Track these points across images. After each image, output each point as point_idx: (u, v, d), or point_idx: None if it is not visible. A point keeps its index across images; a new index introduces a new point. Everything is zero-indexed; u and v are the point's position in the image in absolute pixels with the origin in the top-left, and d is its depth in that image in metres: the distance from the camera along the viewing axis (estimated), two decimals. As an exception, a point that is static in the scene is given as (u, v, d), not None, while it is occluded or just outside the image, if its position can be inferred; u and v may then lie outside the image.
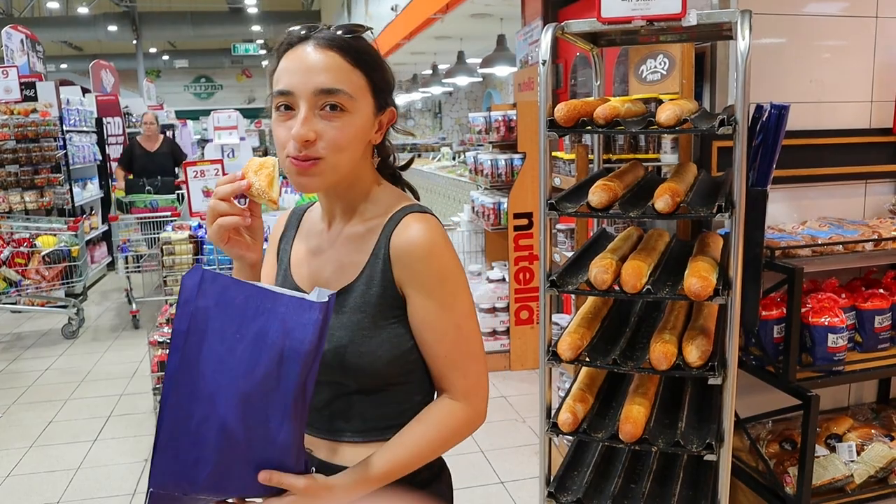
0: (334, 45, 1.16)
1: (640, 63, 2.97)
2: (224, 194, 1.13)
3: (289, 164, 1.14)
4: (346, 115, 1.14)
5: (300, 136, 1.11)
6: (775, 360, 2.34)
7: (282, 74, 1.15)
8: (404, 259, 1.20)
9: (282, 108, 1.14)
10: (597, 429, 1.98)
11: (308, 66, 1.13)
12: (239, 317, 1.00)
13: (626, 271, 1.83)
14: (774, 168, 1.87)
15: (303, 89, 1.13)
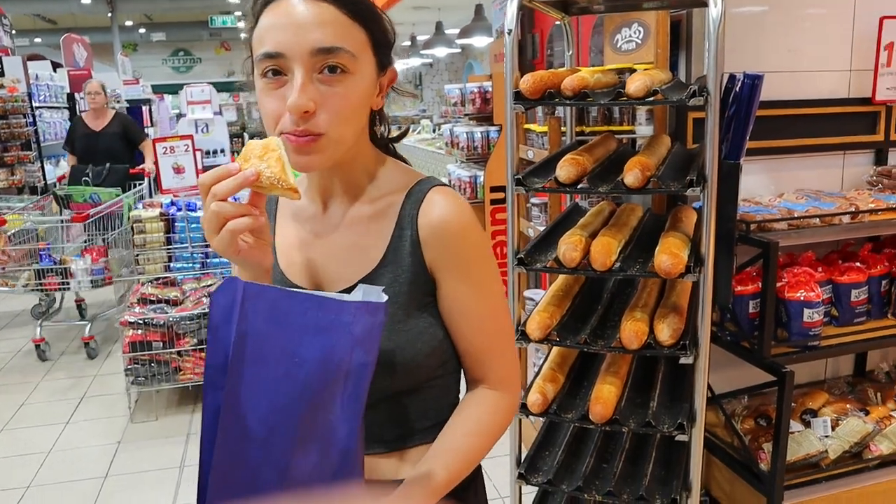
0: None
1: (614, 32, 2.89)
2: (225, 192, 0.90)
3: (285, 141, 0.96)
4: (348, 78, 0.98)
5: (299, 107, 0.94)
6: (750, 335, 2.30)
7: (266, 33, 0.96)
8: (438, 238, 1.06)
9: (269, 73, 0.96)
10: (567, 409, 1.94)
11: (300, 22, 0.95)
12: (297, 337, 0.84)
13: (595, 248, 1.78)
14: (748, 140, 1.81)
15: (296, 50, 0.95)
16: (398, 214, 1.08)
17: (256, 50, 0.98)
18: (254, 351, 0.82)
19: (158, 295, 3.99)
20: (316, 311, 0.85)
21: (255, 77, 1.00)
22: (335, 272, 1.06)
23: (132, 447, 3.54)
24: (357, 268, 1.07)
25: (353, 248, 1.07)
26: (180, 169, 4.28)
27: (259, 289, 0.84)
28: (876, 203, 2.41)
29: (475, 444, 1.06)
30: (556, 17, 2.33)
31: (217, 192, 0.90)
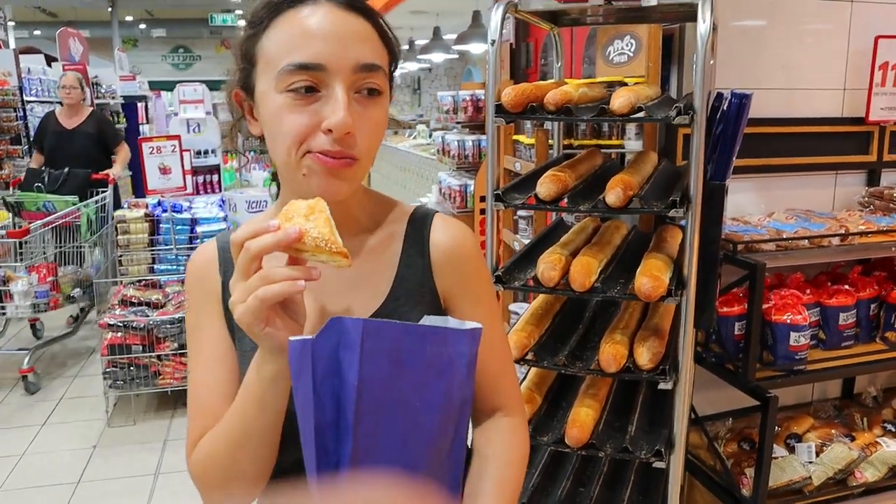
0: (358, 7, 0.91)
1: (607, 44, 2.85)
2: (261, 249, 0.77)
3: (313, 162, 0.87)
4: (381, 100, 0.91)
5: (344, 126, 0.85)
6: (735, 358, 2.25)
7: (298, 42, 0.86)
8: (454, 266, 1.03)
9: (301, 89, 0.86)
10: (543, 431, 1.88)
11: (341, 34, 0.87)
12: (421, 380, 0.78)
13: (574, 268, 1.73)
14: (735, 160, 1.76)
15: (340, 64, 0.86)
16: (402, 244, 1.03)
17: (277, 59, 0.87)
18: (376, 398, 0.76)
19: (140, 297, 3.93)
20: (433, 345, 0.79)
21: (264, 93, 0.90)
22: (344, 310, 0.97)
23: (108, 452, 3.48)
24: (366, 302, 0.99)
25: (359, 283, 1.00)
26: (167, 170, 4.22)
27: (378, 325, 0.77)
28: (867, 225, 2.36)
29: (518, 474, 1.03)
30: (546, 28, 2.28)
31: (251, 248, 0.77)
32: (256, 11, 0.92)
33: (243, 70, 0.93)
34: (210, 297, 1.00)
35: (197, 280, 1.02)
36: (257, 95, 0.92)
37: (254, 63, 0.91)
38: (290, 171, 0.91)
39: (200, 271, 1.02)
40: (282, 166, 0.92)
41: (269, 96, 0.88)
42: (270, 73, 0.88)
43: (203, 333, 1.00)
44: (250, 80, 0.92)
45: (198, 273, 1.02)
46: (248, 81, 0.93)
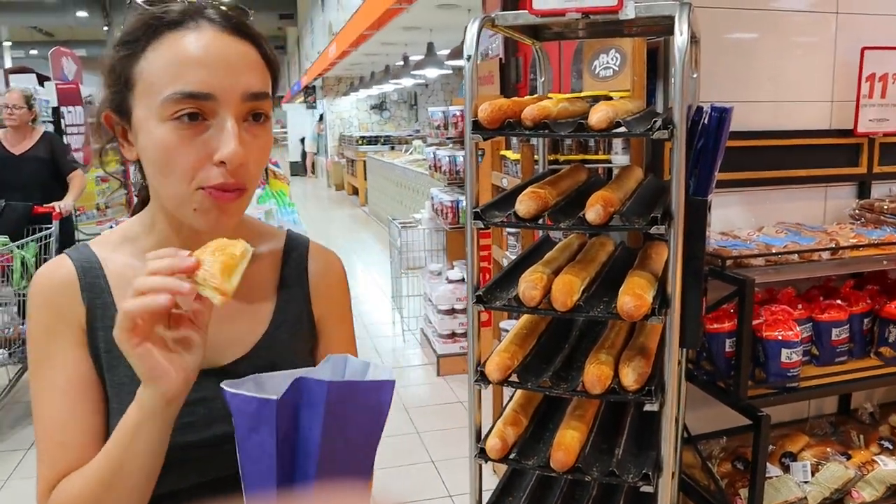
0: (244, 31, 0.88)
1: (592, 58, 2.82)
2: (156, 268, 0.75)
3: (202, 199, 0.84)
4: (268, 126, 0.90)
5: (237, 157, 0.82)
6: (727, 375, 2.20)
7: (183, 69, 0.82)
8: (329, 291, 1.06)
9: (184, 117, 0.82)
10: (529, 454, 1.83)
11: (228, 60, 0.84)
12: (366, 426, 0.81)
13: (556, 287, 1.68)
14: (718, 174, 1.72)
15: (229, 94, 0.83)
16: (280, 272, 1.04)
17: (161, 86, 0.83)
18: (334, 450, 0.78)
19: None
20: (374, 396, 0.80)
21: (144, 119, 0.85)
22: (225, 339, 0.94)
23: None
24: (249, 332, 0.99)
25: (240, 312, 0.98)
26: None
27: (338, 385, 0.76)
28: (858, 238, 2.33)
29: None
30: (527, 43, 2.25)
31: (148, 265, 0.76)
32: (132, 31, 0.87)
33: (118, 92, 0.88)
34: (68, 323, 0.92)
35: (48, 304, 0.93)
36: (135, 121, 0.88)
37: (130, 86, 0.87)
38: (177, 204, 0.87)
39: (54, 294, 0.93)
40: (169, 198, 0.88)
41: (151, 124, 0.85)
42: (152, 99, 0.84)
43: (55, 363, 0.91)
44: (126, 104, 0.88)
45: (51, 297, 0.93)
46: (122, 104, 0.89)
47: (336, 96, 18.11)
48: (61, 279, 0.93)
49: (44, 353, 0.92)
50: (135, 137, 0.89)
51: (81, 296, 0.93)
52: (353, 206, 13.81)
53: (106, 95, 0.90)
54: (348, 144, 15.25)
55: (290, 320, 1.02)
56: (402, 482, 3.32)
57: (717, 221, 2.56)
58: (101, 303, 0.93)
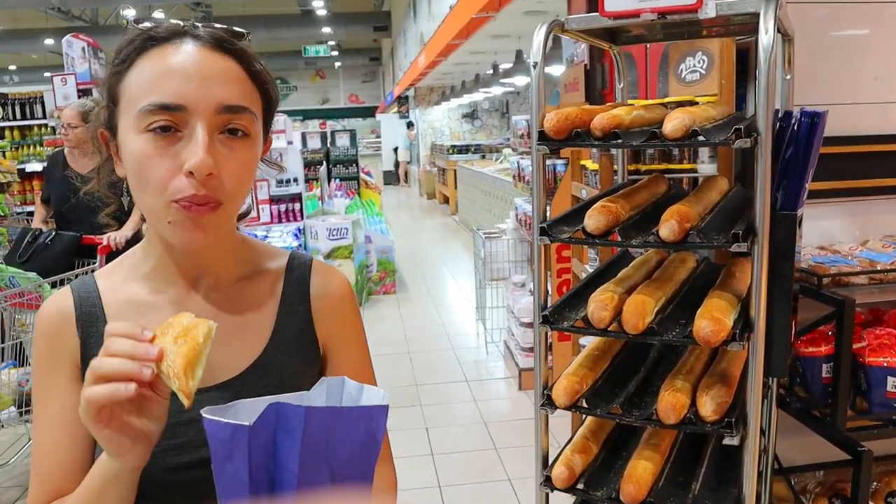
0: (226, 48, 0.89)
1: (679, 61, 2.68)
2: (118, 351, 0.74)
3: (176, 212, 0.84)
4: (248, 142, 0.88)
5: (205, 167, 0.81)
6: (823, 404, 2.01)
7: (158, 81, 0.84)
8: (334, 312, 1.04)
9: (157, 129, 0.83)
10: (597, 485, 1.72)
11: (205, 73, 0.85)
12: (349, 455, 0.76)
13: (627, 308, 1.57)
14: (808, 186, 1.57)
15: (201, 104, 0.83)
16: (281, 291, 1.01)
17: (138, 99, 0.84)
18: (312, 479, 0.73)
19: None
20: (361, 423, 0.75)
21: (125, 133, 0.86)
22: (218, 360, 0.92)
23: None
24: (245, 353, 0.97)
25: (237, 333, 0.97)
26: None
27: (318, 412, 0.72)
28: (978, 255, 2.09)
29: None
30: (604, 47, 2.14)
31: (112, 349, 0.75)
32: (122, 49, 0.88)
33: (107, 109, 0.90)
34: (62, 354, 0.93)
35: (47, 335, 0.95)
36: (119, 135, 0.89)
37: (116, 102, 0.88)
38: (155, 218, 0.87)
39: (52, 326, 0.95)
40: (147, 212, 0.89)
41: (129, 137, 0.86)
42: (131, 112, 0.85)
43: (51, 393, 0.93)
44: (113, 120, 0.89)
45: (49, 328, 0.95)
46: (111, 121, 0.90)
47: (428, 106, 18.28)
48: (58, 311, 0.95)
49: (42, 383, 0.94)
50: (121, 153, 0.90)
51: (76, 327, 0.94)
52: (443, 215, 13.85)
53: (100, 113, 0.93)
54: (439, 153, 15.33)
55: (288, 340, 1.00)
56: (475, 500, 3.24)
57: (816, 235, 2.37)
58: (95, 331, 0.94)
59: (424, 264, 9.02)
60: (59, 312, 0.95)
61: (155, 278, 0.97)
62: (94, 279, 0.98)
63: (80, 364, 0.94)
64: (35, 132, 7.62)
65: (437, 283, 7.98)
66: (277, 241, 4.74)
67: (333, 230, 6.37)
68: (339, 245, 6.36)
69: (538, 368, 1.77)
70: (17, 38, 18.37)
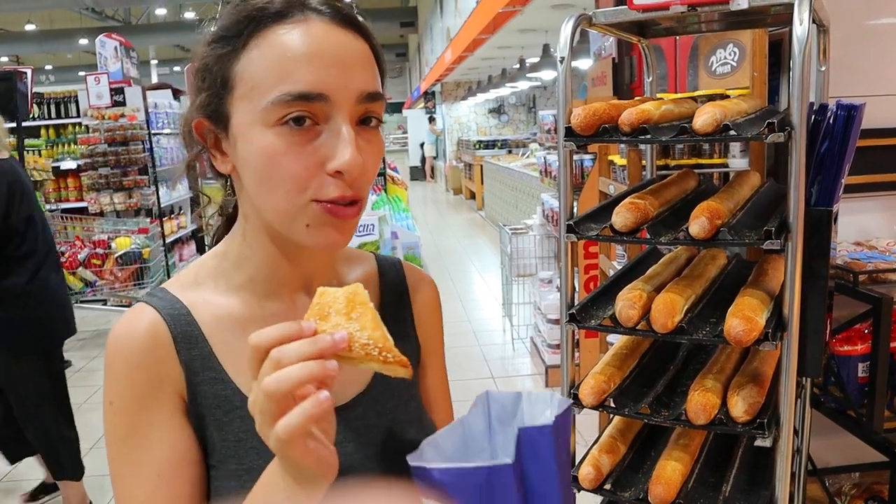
0: (356, 24, 0.78)
1: (709, 54, 2.63)
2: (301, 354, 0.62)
3: (322, 213, 0.74)
4: (380, 132, 0.81)
5: (356, 166, 0.73)
6: (859, 404, 1.96)
7: (288, 65, 0.72)
8: (433, 314, 1.01)
9: (293, 122, 0.73)
10: (625, 486, 1.70)
11: (343, 56, 0.75)
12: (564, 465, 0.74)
13: (656, 306, 1.54)
14: (844, 181, 1.52)
15: (344, 94, 0.74)
16: (379, 295, 0.95)
17: (267, 87, 0.73)
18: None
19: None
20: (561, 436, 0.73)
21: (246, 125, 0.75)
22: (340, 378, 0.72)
23: None
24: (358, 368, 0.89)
25: None
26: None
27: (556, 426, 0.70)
28: None
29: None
30: (633, 41, 2.10)
31: (284, 359, 0.61)
32: (230, 25, 0.77)
33: (214, 95, 0.78)
34: (163, 388, 0.79)
35: (136, 367, 0.79)
36: (234, 127, 0.77)
37: (229, 88, 0.76)
38: (286, 220, 0.76)
39: (148, 353, 0.79)
40: (274, 214, 0.77)
41: (255, 130, 0.74)
42: (256, 102, 0.74)
43: (147, 438, 0.78)
44: (223, 108, 0.78)
45: (143, 356, 0.79)
46: (219, 109, 0.78)
47: (455, 101, 18.24)
48: (149, 335, 0.80)
49: (133, 424, 0.78)
50: (231, 147, 0.79)
51: (177, 351, 0.80)
52: (470, 211, 13.82)
53: (199, 100, 0.79)
54: (466, 149, 15.30)
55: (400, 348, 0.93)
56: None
57: (852, 230, 2.31)
58: (199, 355, 0.81)
59: (451, 260, 9.01)
60: (150, 337, 0.80)
61: (253, 289, 0.85)
62: (174, 294, 0.84)
63: (187, 395, 0.80)
64: (69, 130, 7.76)
65: (463, 279, 7.97)
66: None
67: (360, 226, 6.35)
68: (365, 241, 6.37)
69: (565, 367, 1.74)
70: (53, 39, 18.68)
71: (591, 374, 1.70)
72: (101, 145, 6.71)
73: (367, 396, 0.87)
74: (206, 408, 0.80)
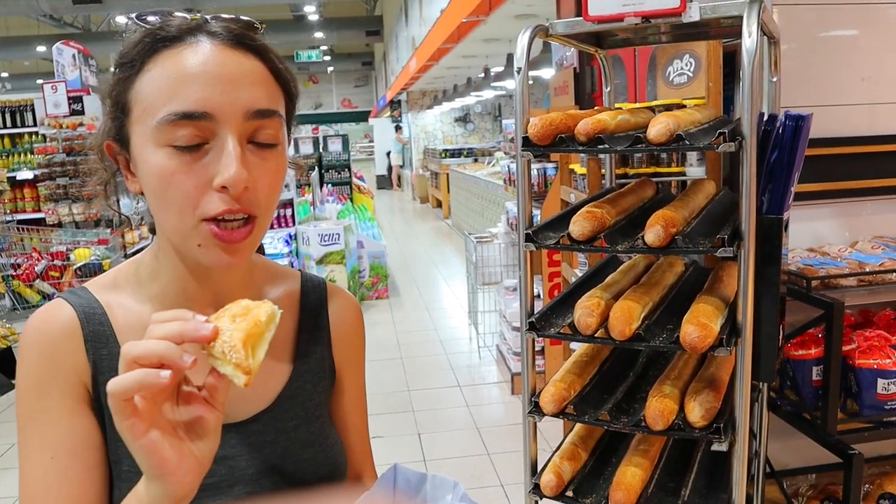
0: (247, 44, 0.80)
1: (667, 64, 2.68)
2: (165, 333, 0.65)
3: (206, 233, 0.76)
4: (278, 150, 0.81)
5: (241, 181, 0.74)
6: (813, 407, 2.01)
7: (178, 86, 0.75)
8: (350, 337, 1.01)
9: (181, 140, 0.75)
10: (587, 492, 1.71)
11: (230, 76, 0.76)
12: None
13: (614, 314, 1.56)
14: (794, 189, 1.56)
15: (229, 111, 0.75)
16: (298, 316, 0.97)
17: (155, 108, 0.75)
18: None
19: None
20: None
21: (140, 146, 0.77)
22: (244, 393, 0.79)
23: None
24: (268, 380, 0.91)
25: None
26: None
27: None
28: (967, 256, 2.08)
29: None
30: (591, 52, 2.13)
31: (153, 330, 0.65)
32: (128, 52, 0.79)
33: (115, 119, 0.80)
34: (67, 375, 0.82)
35: (46, 354, 0.82)
36: (133, 149, 0.80)
37: (127, 111, 0.79)
38: (181, 239, 0.79)
39: (54, 344, 0.83)
40: (171, 232, 0.80)
41: (148, 151, 0.76)
42: (147, 123, 0.76)
43: (50, 417, 0.81)
44: (124, 131, 0.80)
45: (49, 346, 0.83)
46: (121, 132, 0.80)
47: (420, 110, 18.28)
48: (61, 327, 0.84)
49: (34, 409, 0.82)
50: (135, 167, 0.81)
51: (85, 347, 0.84)
52: (436, 219, 13.84)
53: (105, 123, 0.83)
54: (432, 157, 15.33)
55: (312, 369, 0.96)
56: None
57: (805, 237, 2.37)
58: (108, 353, 0.84)
59: (417, 269, 9.00)
60: (61, 330, 0.84)
61: (164, 301, 0.87)
62: (92, 294, 0.88)
63: (91, 390, 0.83)
64: (26, 140, 7.61)
65: (429, 287, 7.97)
66: (269, 247, 4.72)
67: (325, 236, 6.35)
68: (330, 251, 6.35)
69: (525, 375, 1.75)
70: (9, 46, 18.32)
71: (551, 382, 1.71)
72: (58, 155, 6.60)
73: (268, 414, 0.89)
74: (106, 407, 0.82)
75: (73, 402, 0.82)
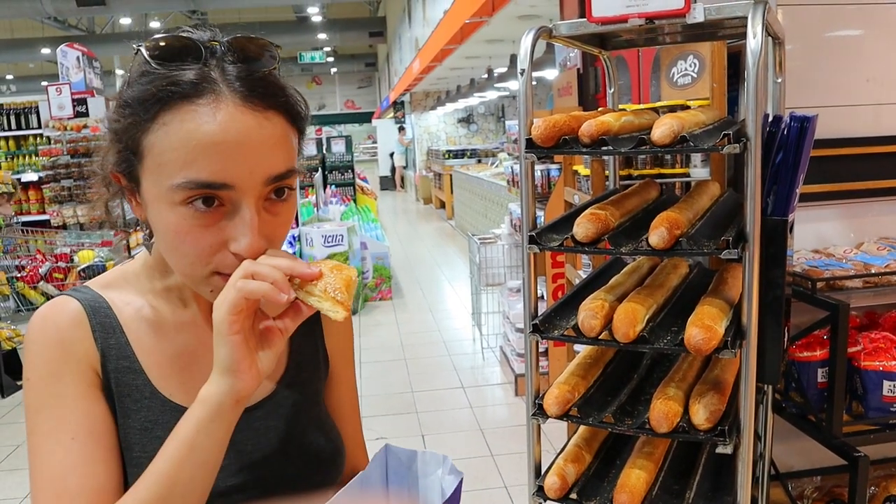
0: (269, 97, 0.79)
1: (671, 65, 2.67)
2: (277, 265, 0.74)
3: (219, 281, 0.78)
4: (291, 197, 0.83)
5: (257, 250, 0.77)
6: (818, 409, 2.00)
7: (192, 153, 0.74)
8: (341, 329, 1.06)
9: (198, 202, 0.76)
10: (591, 495, 1.70)
11: (249, 144, 0.75)
12: None
13: (618, 316, 1.55)
14: (798, 191, 1.56)
15: (250, 182, 0.76)
16: None
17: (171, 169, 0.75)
18: None
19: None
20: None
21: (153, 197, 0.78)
22: None
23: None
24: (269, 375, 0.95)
25: None
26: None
27: None
28: (973, 257, 2.07)
29: None
30: (595, 53, 2.13)
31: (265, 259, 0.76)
32: (142, 97, 0.77)
33: (126, 160, 0.80)
34: (79, 363, 0.84)
35: (58, 342, 0.84)
36: (144, 194, 0.80)
37: (139, 157, 0.78)
38: (192, 282, 0.83)
39: (65, 332, 0.85)
40: (182, 275, 0.84)
41: (162, 206, 0.77)
42: (162, 180, 0.76)
43: (65, 402, 0.82)
44: (134, 172, 0.80)
45: (61, 334, 0.85)
46: (132, 172, 0.80)
47: (424, 111, 18.29)
48: (70, 317, 0.86)
49: (47, 395, 0.83)
50: (144, 206, 0.82)
51: (94, 336, 0.86)
52: (439, 220, 13.84)
53: (113, 156, 0.82)
54: (435, 158, 15.33)
55: (308, 359, 1.00)
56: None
57: (811, 238, 2.36)
58: (115, 343, 0.87)
59: (420, 270, 9.00)
60: (72, 319, 0.86)
61: (168, 296, 0.91)
62: (95, 291, 0.90)
63: (101, 377, 0.86)
64: (30, 142, 7.63)
65: (432, 288, 7.97)
66: (272, 248, 4.72)
67: (329, 237, 6.36)
68: (334, 252, 6.35)
69: (529, 377, 1.75)
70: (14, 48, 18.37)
71: (555, 384, 1.70)
72: (63, 157, 6.62)
73: (270, 401, 0.94)
74: (117, 395, 0.86)
75: (86, 388, 0.84)
